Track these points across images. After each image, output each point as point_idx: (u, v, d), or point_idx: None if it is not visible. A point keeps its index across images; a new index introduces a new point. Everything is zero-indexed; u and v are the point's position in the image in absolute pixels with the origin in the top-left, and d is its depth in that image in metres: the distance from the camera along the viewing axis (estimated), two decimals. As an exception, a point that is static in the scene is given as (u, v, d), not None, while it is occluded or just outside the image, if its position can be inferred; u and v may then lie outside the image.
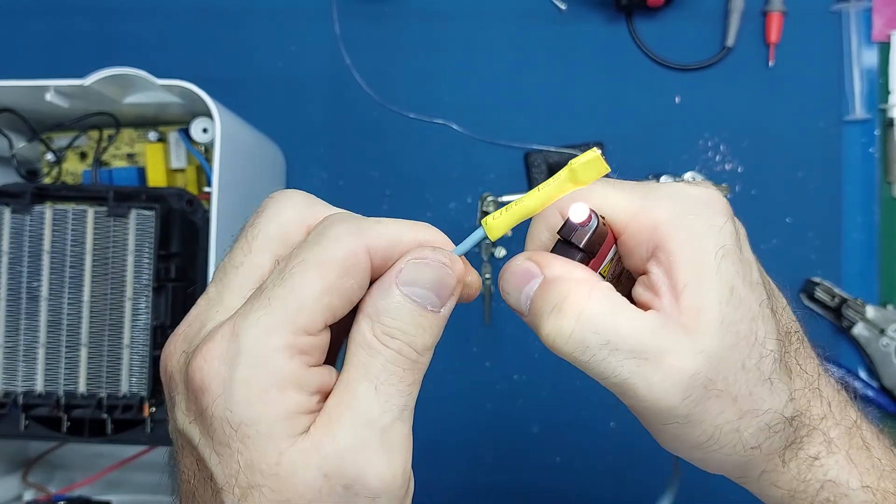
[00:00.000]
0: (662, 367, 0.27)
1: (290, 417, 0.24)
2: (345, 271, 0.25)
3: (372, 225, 0.26)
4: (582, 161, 0.27)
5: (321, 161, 0.69)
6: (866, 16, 0.66)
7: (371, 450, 0.24)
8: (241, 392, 0.24)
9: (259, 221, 0.28)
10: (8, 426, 0.52)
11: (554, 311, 0.28)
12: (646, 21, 0.67)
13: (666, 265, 0.28)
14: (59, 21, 0.70)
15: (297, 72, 0.69)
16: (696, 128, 0.67)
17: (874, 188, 0.66)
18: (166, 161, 0.61)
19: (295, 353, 0.24)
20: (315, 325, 0.25)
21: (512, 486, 0.67)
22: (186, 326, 0.27)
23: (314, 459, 0.24)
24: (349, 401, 0.25)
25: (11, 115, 0.58)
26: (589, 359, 0.27)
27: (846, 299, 0.64)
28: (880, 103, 0.66)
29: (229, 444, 0.24)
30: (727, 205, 0.29)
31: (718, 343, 0.27)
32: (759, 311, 0.28)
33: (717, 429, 0.28)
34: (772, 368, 0.28)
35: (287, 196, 0.28)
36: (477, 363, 0.67)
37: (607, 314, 0.27)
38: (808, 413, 0.30)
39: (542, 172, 0.66)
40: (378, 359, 0.25)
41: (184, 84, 0.52)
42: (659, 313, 0.28)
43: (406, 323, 0.25)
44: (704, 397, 0.27)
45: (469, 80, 0.68)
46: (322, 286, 0.25)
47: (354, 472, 0.24)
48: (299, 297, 0.24)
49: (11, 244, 0.52)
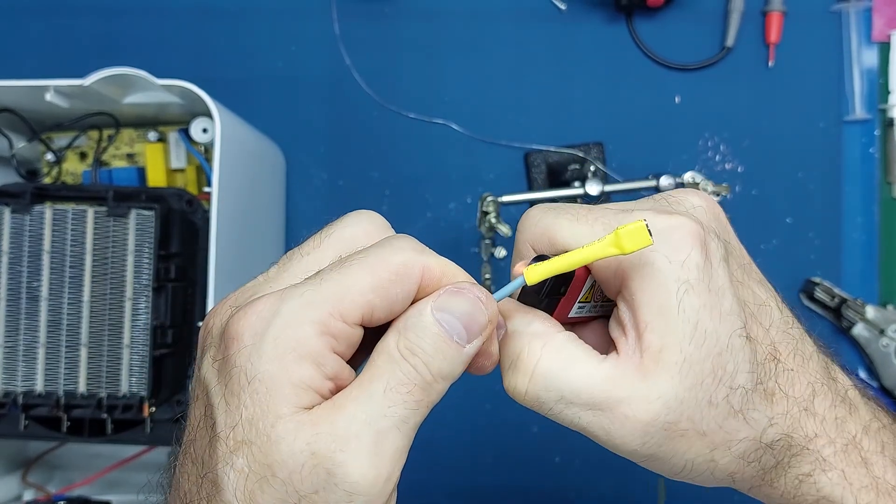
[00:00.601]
0: (617, 416, 0.28)
1: (300, 387, 0.25)
2: (395, 277, 0.26)
3: (431, 252, 0.28)
4: (628, 229, 0.26)
5: (321, 161, 0.69)
6: (866, 16, 0.66)
7: (362, 446, 0.25)
8: (266, 347, 0.25)
9: (336, 225, 0.29)
10: (8, 426, 0.52)
11: (511, 367, 0.29)
12: (646, 21, 0.67)
13: (629, 303, 0.28)
14: (59, 21, 0.70)
15: (297, 72, 0.69)
16: (696, 128, 0.67)
17: (874, 188, 0.66)
18: (166, 161, 0.61)
19: (325, 333, 0.25)
20: (352, 314, 0.25)
21: (512, 487, 0.67)
22: (239, 293, 0.28)
23: (306, 434, 0.24)
24: (356, 396, 0.25)
25: (11, 115, 0.58)
26: (547, 412, 0.29)
27: (846, 299, 0.64)
28: (880, 103, 0.66)
29: (239, 394, 0.25)
30: (698, 230, 0.28)
31: (678, 384, 0.27)
32: (728, 344, 0.28)
33: (688, 461, 0.29)
34: (742, 401, 0.28)
35: (366, 213, 0.30)
36: (477, 363, 0.67)
37: (559, 370, 0.28)
38: (796, 434, 0.29)
39: (542, 172, 0.66)
40: (394, 368, 0.26)
41: (184, 84, 0.52)
42: (618, 359, 0.28)
43: (429, 344, 0.26)
44: (668, 438, 0.28)
45: (469, 80, 0.68)
46: (370, 282, 0.26)
47: (340, 459, 0.24)
48: (347, 285, 0.25)
49: (11, 244, 0.52)
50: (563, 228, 0.30)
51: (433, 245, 0.29)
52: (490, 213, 0.57)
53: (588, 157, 0.65)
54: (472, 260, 0.67)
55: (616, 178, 0.66)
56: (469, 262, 0.67)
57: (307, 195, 0.69)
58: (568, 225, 0.30)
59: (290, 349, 0.25)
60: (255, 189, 0.60)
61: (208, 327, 0.28)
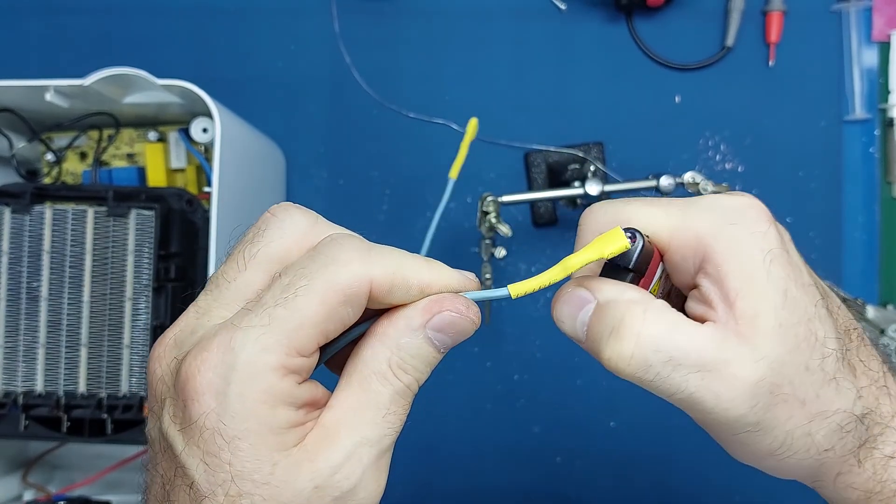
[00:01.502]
0: (726, 377, 0.27)
1: (282, 432, 0.25)
2: (346, 299, 0.25)
3: (380, 255, 0.27)
4: (604, 237, 0.28)
5: (321, 161, 0.69)
6: (866, 15, 0.66)
7: (368, 469, 0.25)
8: (235, 406, 0.24)
9: (259, 240, 0.28)
10: (8, 426, 0.52)
11: (612, 334, 0.28)
12: (646, 21, 0.67)
13: (715, 277, 0.28)
14: (58, 21, 0.70)
15: (297, 71, 0.69)
16: (697, 127, 0.67)
17: (874, 188, 0.66)
18: (166, 161, 0.61)
19: (288, 373, 0.25)
20: (309, 348, 0.25)
21: (512, 487, 0.67)
22: (177, 331, 0.27)
23: (306, 471, 0.25)
24: (353, 422, 0.26)
25: (11, 115, 0.58)
26: (653, 377, 0.28)
27: (846, 299, 0.64)
28: (880, 103, 0.66)
29: (219, 454, 0.24)
30: (767, 211, 0.30)
31: (779, 347, 0.27)
32: (816, 312, 0.28)
33: (788, 434, 0.28)
34: (835, 368, 0.28)
35: (289, 214, 0.28)
36: (477, 363, 0.67)
37: (665, 331, 0.28)
38: (878, 411, 0.30)
39: (542, 172, 0.66)
40: (389, 389, 0.26)
41: (184, 84, 0.52)
42: (716, 325, 0.28)
43: (422, 362, 0.27)
44: (772, 403, 0.28)
45: (469, 80, 0.68)
46: (323, 312, 0.25)
47: (347, 486, 0.25)
48: (299, 321, 0.25)
49: (11, 244, 0.52)
50: (637, 212, 0.30)
51: (433, 246, 0.29)
52: (490, 213, 0.57)
53: (588, 157, 0.65)
54: (472, 260, 0.67)
55: (616, 178, 0.66)
56: (469, 262, 0.67)
57: (307, 195, 0.69)
58: (642, 209, 0.30)
59: (260, 401, 0.24)
60: (255, 189, 0.60)
61: (157, 375, 0.27)
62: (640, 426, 0.66)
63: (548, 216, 0.66)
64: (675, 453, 0.66)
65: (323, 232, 0.28)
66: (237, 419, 0.24)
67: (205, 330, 0.26)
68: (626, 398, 0.66)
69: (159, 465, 0.27)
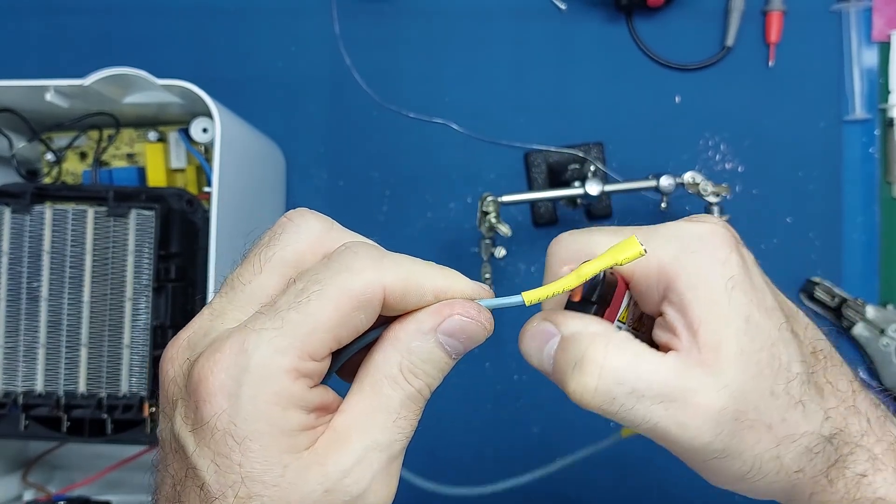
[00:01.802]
0: (690, 406, 0.27)
1: (293, 434, 0.25)
2: (359, 305, 0.26)
3: (393, 262, 0.27)
4: (620, 246, 0.28)
5: (321, 161, 0.69)
6: (866, 15, 0.66)
7: (379, 473, 0.25)
8: (247, 408, 0.24)
9: (275, 244, 0.28)
10: (8, 426, 0.52)
11: (576, 367, 0.29)
12: (646, 21, 0.67)
13: (678, 305, 0.29)
14: (58, 21, 0.70)
15: (297, 72, 0.69)
16: (697, 128, 0.67)
17: (874, 188, 0.66)
18: (166, 161, 0.61)
19: (300, 376, 0.25)
20: (322, 353, 0.26)
21: (512, 487, 0.67)
22: (190, 333, 0.27)
23: (316, 475, 0.25)
24: (364, 426, 0.26)
25: (11, 115, 0.58)
26: (618, 409, 0.28)
27: (846, 299, 0.64)
28: (880, 103, 0.66)
29: (230, 455, 0.24)
30: (730, 235, 0.30)
31: (742, 375, 0.28)
32: (779, 336, 0.28)
33: (756, 458, 0.28)
34: (801, 391, 0.29)
35: (305, 219, 0.29)
36: (477, 363, 0.67)
37: (627, 363, 0.28)
38: (847, 430, 0.30)
39: (542, 172, 0.66)
40: (400, 393, 0.26)
41: (184, 84, 0.52)
42: (679, 353, 0.28)
43: (433, 367, 0.27)
44: (738, 430, 0.28)
45: (469, 80, 0.68)
46: (336, 317, 0.25)
47: (357, 490, 0.25)
48: (312, 325, 0.25)
49: (11, 244, 0.52)
50: (601, 241, 0.30)
51: (433, 246, 0.29)
52: (490, 213, 0.57)
53: (588, 157, 0.65)
54: (472, 260, 0.67)
55: (616, 178, 0.66)
56: (469, 262, 0.67)
57: (307, 195, 0.69)
58: (605, 237, 0.30)
59: (272, 403, 0.25)
60: (255, 189, 0.60)
61: (169, 376, 0.27)
62: (640, 426, 0.66)
63: (548, 216, 0.66)
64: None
65: (338, 238, 0.28)
66: (249, 420, 0.24)
67: (218, 332, 0.26)
68: (626, 398, 0.66)
69: (170, 466, 0.27)
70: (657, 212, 0.62)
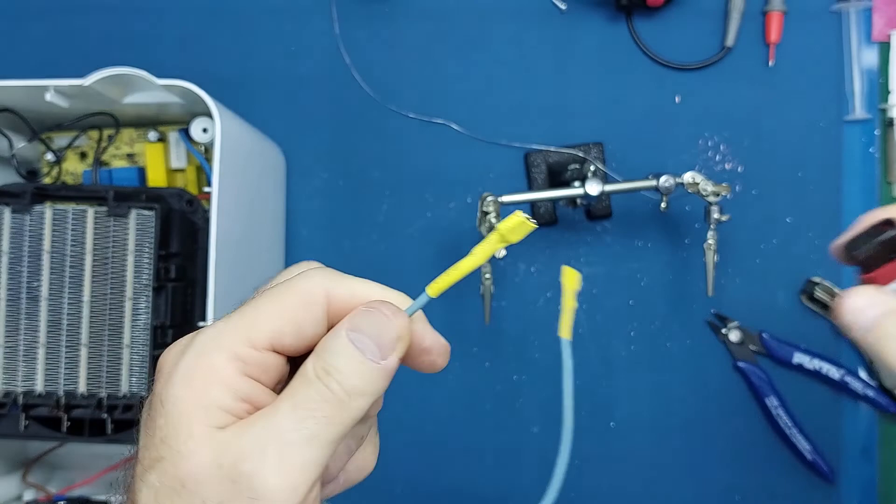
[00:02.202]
0: None
1: (211, 409, 0.26)
2: (300, 302, 0.28)
3: (342, 277, 0.29)
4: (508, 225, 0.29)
5: (321, 161, 0.69)
6: (866, 15, 0.66)
7: (266, 458, 0.25)
8: (178, 375, 0.27)
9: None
10: (8, 426, 0.52)
11: None
12: (646, 21, 0.67)
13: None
14: (59, 21, 0.70)
15: (296, 72, 0.69)
16: (697, 128, 0.67)
17: (874, 188, 0.66)
18: (166, 161, 0.61)
19: (234, 359, 0.27)
20: (260, 340, 0.27)
21: (512, 487, 0.67)
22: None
23: (214, 448, 0.26)
24: (265, 413, 0.27)
25: (11, 115, 0.58)
26: None
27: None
28: (880, 103, 0.66)
29: (156, 419, 0.26)
30: None
31: None
32: None
33: None
34: None
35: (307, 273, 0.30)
36: (477, 363, 0.67)
37: None
38: None
39: (542, 172, 0.66)
40: (308, 388, 0.27)
41: (184, 84, 0.52)
42: None
43: (343, 363, 0.27)
44: None
45: (469, 80, 0.68)
46: (276, 310, 0.27)
47: (246, 470, 0.25)
48: (254, 315, 0.27)
49: (11, 244, 0.52)
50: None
51: (433, 246, 0.29)
52: (490, 213, 0.57)
53: (588, 157, 0.65)
54: (472, 260, 0.67)
55: (616, 178, 0.66)
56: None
57: (307, 195, 0.69)
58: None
59: (199, 375, 0.26)
60: (255, 189, 0.60)
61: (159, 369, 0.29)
62: (640, 426, 0.66)
63: (548, 216, 0.66)
64: (675, 453, 0.66)
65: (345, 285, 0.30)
66: (176, 387, 0.26)
67: None
68: (626, 398, 0.66)
69: None
70: (657, 212, 0.62)
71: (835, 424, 0.65)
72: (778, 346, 0.65)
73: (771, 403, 0.65)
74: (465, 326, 0.67)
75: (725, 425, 0.66)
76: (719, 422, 0.66)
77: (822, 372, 0.64)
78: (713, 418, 0.66)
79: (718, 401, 0.66)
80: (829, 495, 0.65)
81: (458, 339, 0.67)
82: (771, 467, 0.66)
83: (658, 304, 0.67)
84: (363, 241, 0.67)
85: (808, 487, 0.65)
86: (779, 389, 0.65)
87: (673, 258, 0.67)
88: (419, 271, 0.67)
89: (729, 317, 0.66)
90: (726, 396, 0.66)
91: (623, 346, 0.67)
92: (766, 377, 0.65)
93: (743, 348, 0.66)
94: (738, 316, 0.66)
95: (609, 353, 0.67)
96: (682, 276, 0.66)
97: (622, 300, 0.67)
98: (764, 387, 0.65)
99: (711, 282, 0.60)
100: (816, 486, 0.65)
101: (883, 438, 0.65)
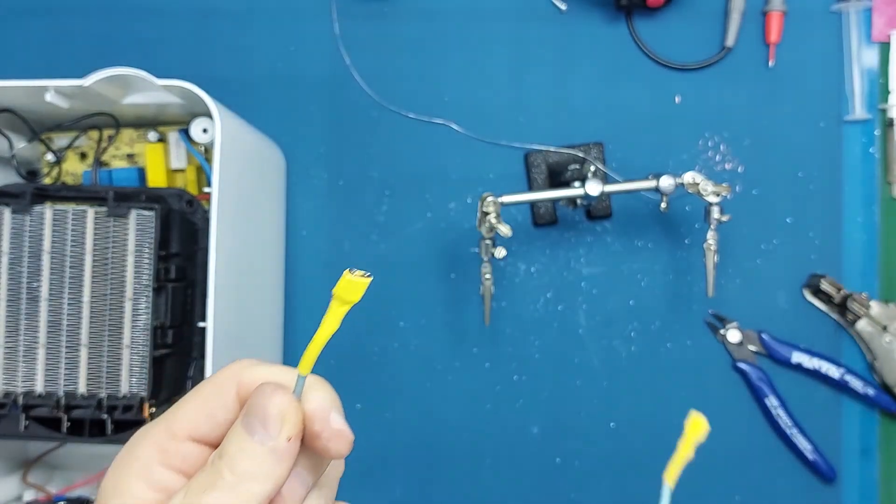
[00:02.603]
0: None
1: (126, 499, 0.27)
2: (214, 390, 0.28)
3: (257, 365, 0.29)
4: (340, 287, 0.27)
5: (321, 161, 0.69)
6: (866, 15, 0.66)
7: None
8: (112, 466, 0.28)
9: None
10: (8, 426, 0.52)
11: None
12: (646, 21, 0.67)
13: None
14: (59, 21, 0.70)
15: (297, 72, 0.69)
16: (697, 128, 0.67)
17: (874, 188, 0.66)
18: (166, 161, 0.61)
19: (157, 450, 0.28)
20: (180, 431, 0.28)
21: (512, 488, 0.67)
22: None
23: None
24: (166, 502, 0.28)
25: (11, 116, 0.58)
26: None
27: (851, 294, 0.64)
28: (880, 103, 0.66)
29: None
30: None
31: None
32: None
33: None
34: None
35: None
36: (477, 364, 0.67)
37: None
38: None
39: (542, 173, 0.66)
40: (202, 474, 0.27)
41: (184, 84, 0.52)
42: None
43: (234, 447, 0.27)
44: None
45: (469, 80, 0.68)
46: (194, 401, 0.29)
47: None
48: (178, 407, 0.29)
49: (11, 244, 0.52)
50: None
51: (433, 246, 0.29)
52: (490, 213, 0.57)
53: (588, 157, 0.65)
54: (472, 260, 0.67)
55: (616, 178, 0.66)
56: (469, 262, 0.67)
57: (307, 195, 0.69)
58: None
59: (123, 466, 0.28)
60: (255, 189, 0.60)
61: None
62: (640, 426, 0.66)
63: (548, 216, 0.66)
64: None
65: None
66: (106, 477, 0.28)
67: None
68: (626, 398, 0.66)
69: None
70: (657, 212, 0.62)
71: (835, 424, 0.66)
72: (777, 345, 0.65)
73: (771, 403, 0.65)
74: (465, 327, 0.67)
75: (725, 425, 0.66)
76: (719, 422, 0.66)
77: (821, 371, 0.64)
78: (713, 418, 0.65)
79: (718, 401, 0.66)
80: (829, 495, 0.65)
81: (458, 340, 0.67)
82: (771, 467, 0.66)
83: (658, 304, 0.67)
84: (363, 241, 0.67)
85: (809, 487, 0.65)
86: (778, 389, 0.65)
87: (673, 258, 0.67)
88: (419, 271, 0.67)
89: (728, 317, 0.66)
90: (726, 396, 0.66)
91: (623, 346, 0.67)
92: (766, 377, 0.65)
93: (742, 348, 0.66)
94: (738, 316, 0.66)
95: (609, 353, 0.67)
96: (682, 277, 0.67)
97: (622, 300, 0.67)
98: (764, 387, 0.65)
99: (711, 282, 0.60)
100: (817, 485, 0.65)
101: (883, 438, 0.65)
